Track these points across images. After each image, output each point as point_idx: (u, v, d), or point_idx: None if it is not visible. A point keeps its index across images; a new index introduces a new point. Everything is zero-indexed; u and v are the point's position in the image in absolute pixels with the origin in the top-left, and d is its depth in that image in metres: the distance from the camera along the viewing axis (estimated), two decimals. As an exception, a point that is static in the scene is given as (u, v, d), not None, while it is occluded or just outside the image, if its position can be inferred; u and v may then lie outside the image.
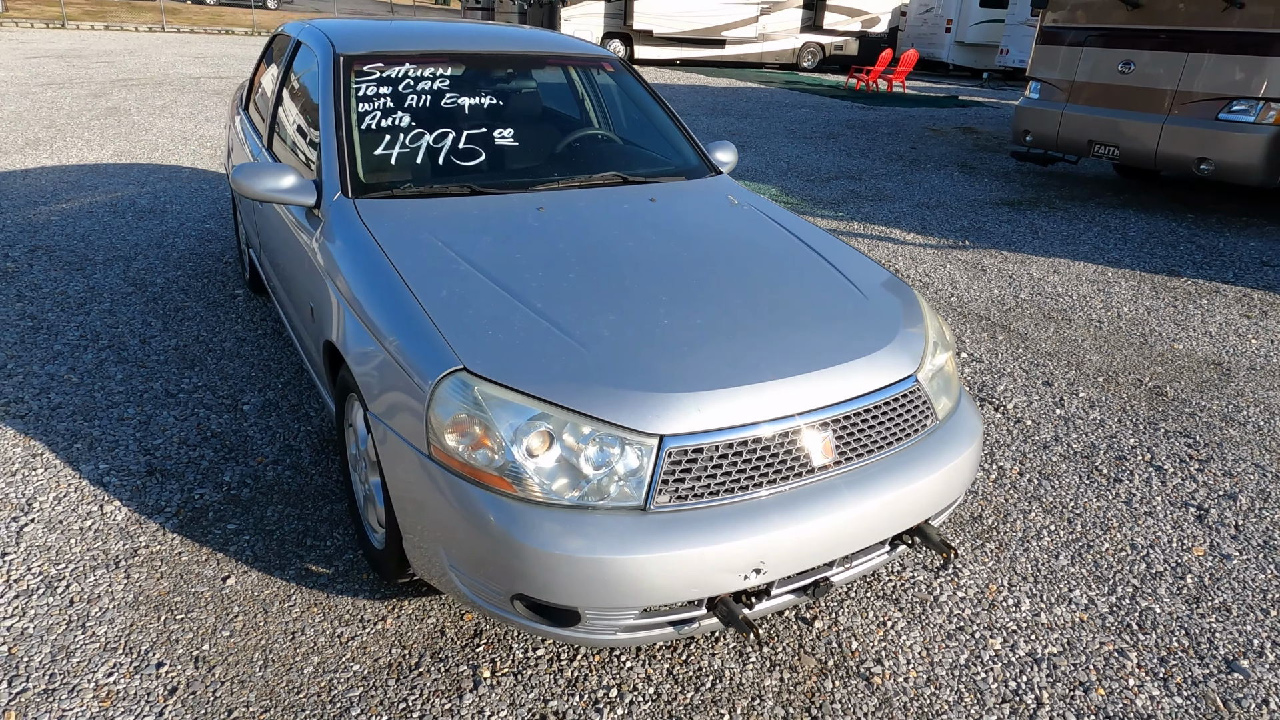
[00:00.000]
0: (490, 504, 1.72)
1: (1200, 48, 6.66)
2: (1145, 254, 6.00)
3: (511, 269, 2.15)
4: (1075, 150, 7.74)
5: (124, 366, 3.53)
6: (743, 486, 1.79)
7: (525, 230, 2.38)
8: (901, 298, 2.37)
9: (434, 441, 1.79)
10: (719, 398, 1.79)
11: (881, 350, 2.05)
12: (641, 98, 3.33)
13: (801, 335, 2.02)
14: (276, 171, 2.54)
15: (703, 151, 3.22)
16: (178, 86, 12.36)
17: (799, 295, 2.20)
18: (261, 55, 4.00)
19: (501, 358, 1.82)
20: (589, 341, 1.89)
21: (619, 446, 1.73)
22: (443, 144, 2.74)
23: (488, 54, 3.09)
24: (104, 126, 8.92)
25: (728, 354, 1.90)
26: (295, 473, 2.82)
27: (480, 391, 1.77)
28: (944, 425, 2.13)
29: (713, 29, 22.02)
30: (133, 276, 4.59)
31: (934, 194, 7.77)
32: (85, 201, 6.03)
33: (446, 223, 2.39)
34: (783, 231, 2.64)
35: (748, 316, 2.05)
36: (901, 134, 11.44)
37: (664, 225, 2.51)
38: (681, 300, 2.08)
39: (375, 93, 2.80)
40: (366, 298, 2.10)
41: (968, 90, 19.45)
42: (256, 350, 3.75)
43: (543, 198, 2.61)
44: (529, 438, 1.74)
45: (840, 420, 1.91)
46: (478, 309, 1.98)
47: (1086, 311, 4.72)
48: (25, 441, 2.93)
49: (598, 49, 3.35)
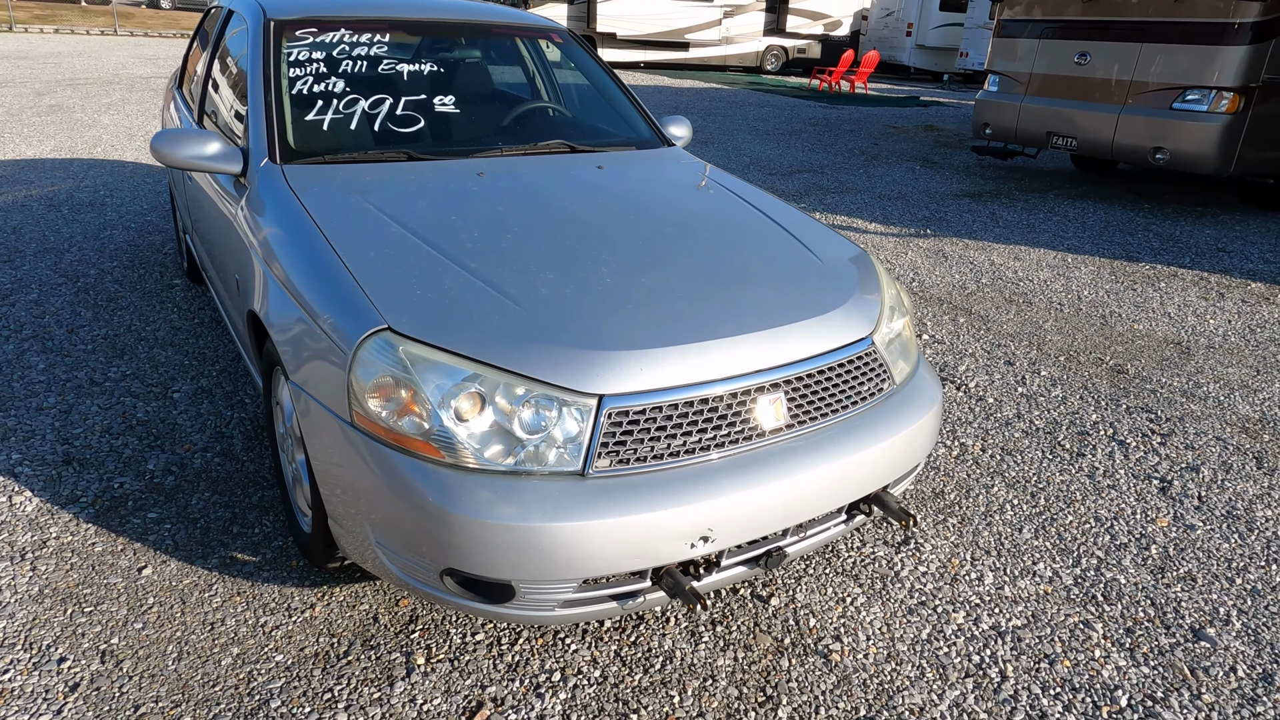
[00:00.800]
0: (416, 472, 1.59)
1: (1153, 38, 6.72)
2: (1104, 241, 6.01)
3: (446, 231, 2.03)
4: (1034, 142, 7.78)
5: (47, 356, 3.33)
6: (688, 450, 1.68)
7: (463, 194, 2.25)
8: (857, 262, 2.28)
9: (356, 407, 1.66)
10: (662, 356, 1.68)
11: (835, 310, 1.96)
12: (591, 69, 3.23)
13: (752, 294, 1.92)
14: (200, 138, 2.39)
15: (655, 124, 3.12)
16: (126, 85, 12.01)
17: (750, 258, 2.11)
18: (194, 32, 3.83)
19: (430, 317, 1.70)
20: (524, 300, 1.77)
21: (555, 408, 1.62)
22: (379, 110, 2.61)
23: (429, 21, 2.96)
24: (45, 123, 8.61)
25: (673, 312, 1.79)
26: (225, 460, 2.66)
27: (405, 351, 1.64)
28: (901, 390, 2.04)
29: (676, 31, 22.02)
30: (64, 268, 4.37)
31: (895, 186, 7.77)
32: (19, 195, 5.77)
33: (379, 187, 2.26)
34: (735, 198, 2.54)
35: (696, 277, 1.95)
36: (864, 131, 11.47)
37: (611, 191, 2.40)
38: (627, 261, 1.97)
39: (308, 57, 2.66)
40: (289, 263, 1.96)
41: (929, 92, 19.66)
42: (191, 339, 3.57)
43: (484, 164, 2.49)
44: (458, 400, 1.61)
45: (792, 381, 1.81)
46: (406, 270, 1.85)
47: (1047, 295, 4.70)
48: (-68, 432, 2.73)
49: (545, 20, 3.24)
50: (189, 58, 3.84)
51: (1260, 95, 6.40)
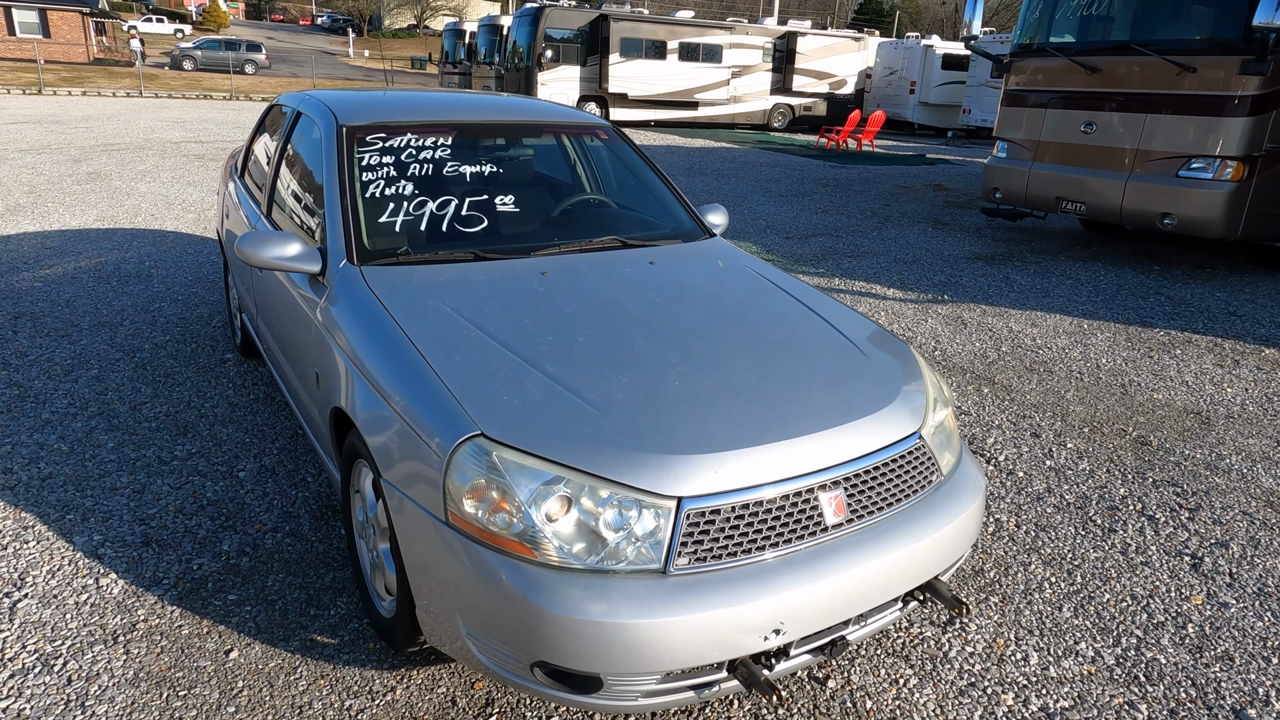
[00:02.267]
0: (509, 570, 1.72)
1: (1158, 109, 6.97)
2: (1117, 305, 6.17)
3: (521, 334, 2.19)
4: (1044, 206, 8.01)
5: (115, 434, 3.49)
6: (760, 546, 1.81)
7: (531, 295, 2.42)
8: (899, 355, 2.43)
9: (451, 508, 1.80)
10: (735, 458, 1.82)
11: (886, 408, 2.10)
12: (634, 162, 3.43)
13: (809, 395, 2.06)
14: (281, 240, 2.57)
15: (696, 214, 3.30)
16: (159, 151, 12.43)
17: (802, 355, 2.26)
18: (258, 125, 4.07)
19: (517, 422, 1.84)
20: (603, 404, 1.92)
21: (637, 509, 1.75)
22: (445, 211, 2.80)
23: (486, 123, 3.18)
24: (85, 192, 8.93)
25: (740, 415, 1.94)
26: (295, 540, 2.79)
27: (498, 456, 1.78)
28: (948, 480, 2.17)
29: (686, 91, 22.66)
30: (120, 342, 4.56)
31: (909, 250, 7.97)
32: (69, 267, 6.01)
33: (453, 288, 2.43)
34: (779, 291, 2.71)
35: (756, 377, 2.10)
36: (874, 191, 11.76)
37: (666, 287, 2.57)
38: (690, 362, 2.12)
39: (378, 162, 2.86)
40: (378, 364, 2.12)
41: (933, 148, 20.09)
42: (250, 415, 3.72)
43: (545, 262, 2.67)
44: (547, 502, 1.75)
45: (850, 478, 1.95)
46: (491, 374, 2.00)
47: (1067, 363, 4.84)
48: (16, 514, 2.87)
49: (591, 117, 3.46)
50: (249, 147, 4.07)
51: (1264, 163, 6.62)
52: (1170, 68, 6.83)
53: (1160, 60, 6.87)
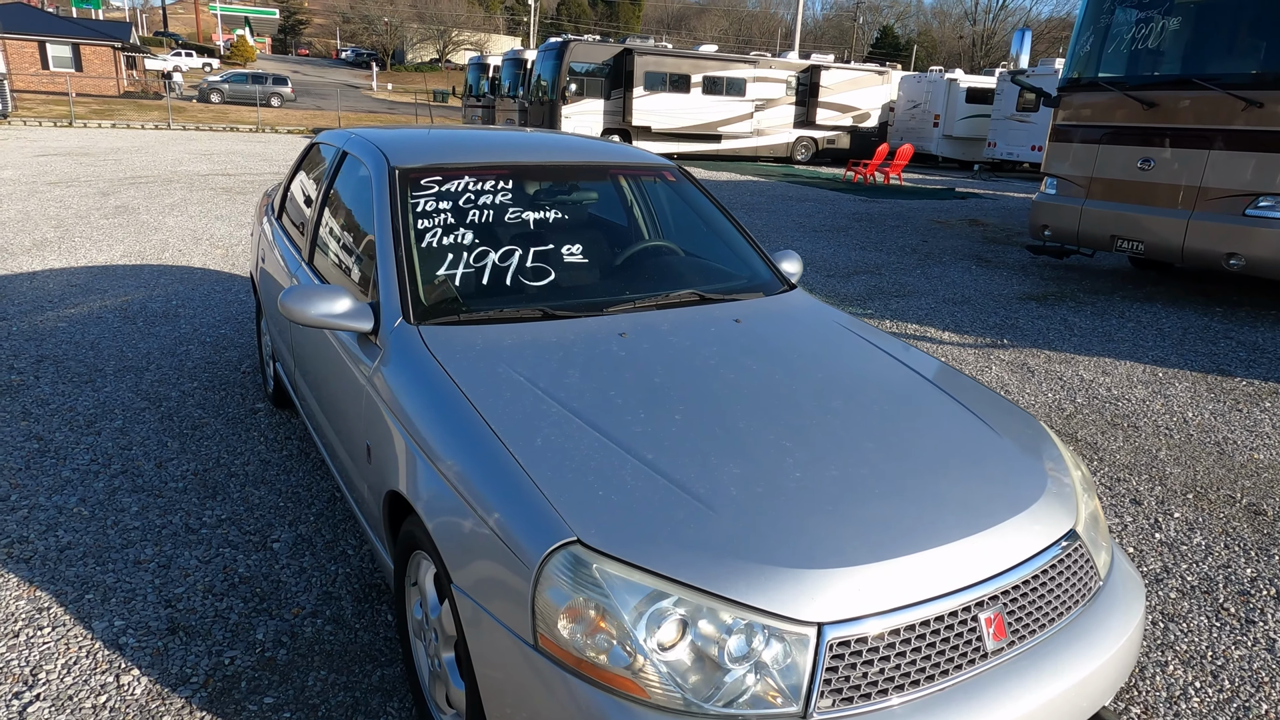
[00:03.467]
0: (617, 712, 1.42)
1: (1221, 145, 6.67)
2: (1188, 351, 5.83)
3: (608, 409, 1.91)
4: (1097, 244, 7.70)
5: (139, 496, 3.23)
6: (914, 681, 1.50)
7: (612, 361, 2.14)
8: (1031, 430, 2.13)
9: (541, 629, 1.51)
10: (881, 572, 1.52)
11: (1038, 502, 1.80)
12: (703, 205, 3.17)
13: (950, 488, 1.76)
14: (330, 295, 2.31)
15: (772, 264, 3.03)
16: (186, 184, 12.36)
17: (929, 436, 1.96)
18: (297, 163, 3.85)
19: (620, 526, 1.55)
20: (716, 502, 1.63)
21: (768, 637, 1.45)
22: (509, 262, 2.54)
23: (547, 165, 2.93)
24: (113, 226, 8.80)
25: (877, 515, 1.64)
26: (337, 627, 2.50)
27: (599, 570, 1.49)
28: (1107, 585, 1.86)
29: (709, 124, 22.59)
30: (145, 389, 4.32)
31: (957, 289, 7.67)
32: (94, 306, 5.81)
33: (523, 353, 2.16)
34: (882, 354, 2.42)
35: (885, 466, 1.80)
36: (909, 226, 11.49)
37: (759, 352, 2.29)
38: (807, 447, 1.83)
39: (434, 208, 2.61)
40: (447, 447, 1.84)
41: (960, 182, 19.85)
42: (283, 475, 3.45)
43: (621, 321, 2.39)
44: (660, 627, 1.45)
45: (1009, 592, 1.64)
46: (580, 462, 1.72)
47: (1151, 417, 4.50)
48: (30, 592, 2.60)
49: (657, 158, 3.21)
50: (288, 186, 3.84)
51: (1338, 202, 6.29)
52: (1234, 102, 6.54)
53: (1223, 95, 6.58)
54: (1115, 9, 7.55)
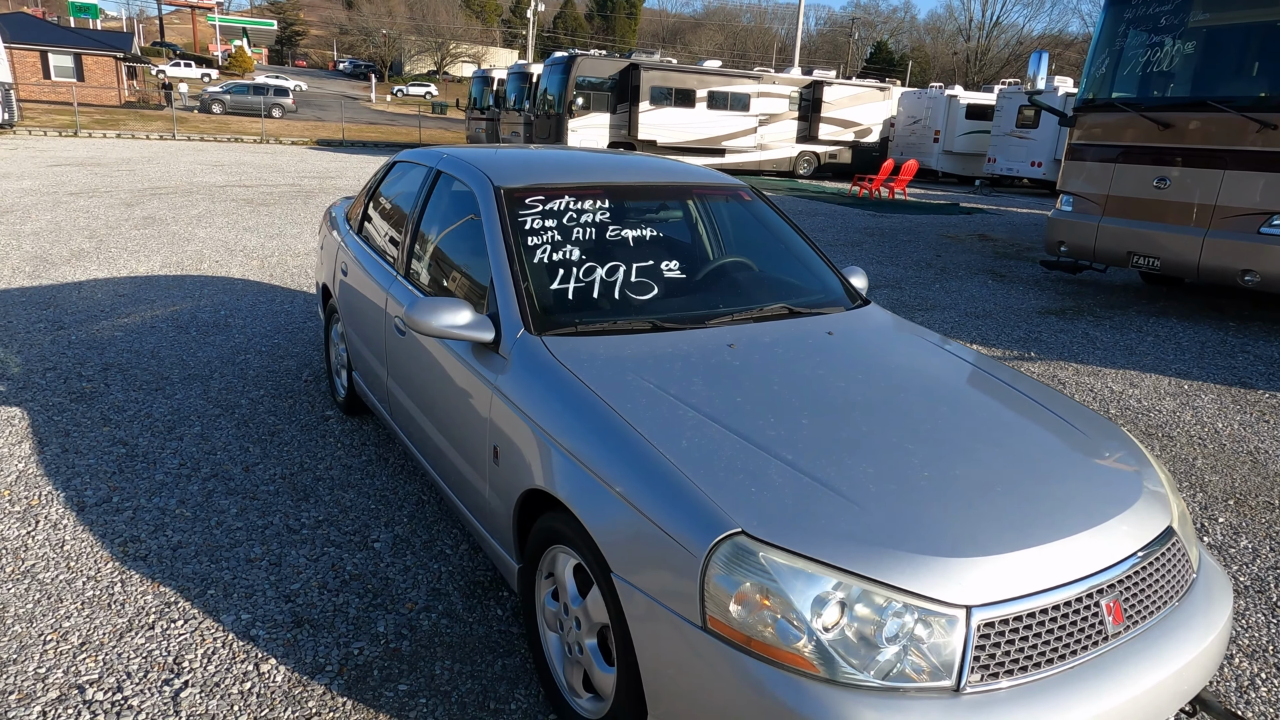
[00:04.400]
0: (787, 686, 1.57)
1: (1236, 165, 6.90)
2: (1208, 365, 6.03)
3: (739, 414, 2.07)
4: (1113, 261, 7.91)
5: (235, 499, 3.37)
6: (1049, 660, 1.66)
7: (729, 370, 2.30)
8: (1117, 436, 2.30)
9: (711, 612, 1.66)
10: (1018, 560, 1.69)
11: (1140, 499, 1.97)
12: (776, 223, 3.34)
13: (1062, 487, 1.93)
14: (453, 307, 2.47)
15: (845, 279, 3.20)
16: (207, 195, 12.50)
17: (1033, 440, 2.13)
18: (376, 181, 4.01)
19: (777, 518, 1.71)
20: (859, 497, 1.79)
21: (924, 619, 1.61)
22: (615, 277, 2.70)
23: (637, 185, 3.10)
24: (145, 237, 8.93)
25: (1004, 511, 1.81)
26: (452, 621, 2.64)
27: (765, 558, 1.65)
28: (1200, 577, 2.03)
29: (713, 139, 22.87)
30: (215, 397, 4.46)
31: (977, 303, 7.87)
32: (145, 315, 5.94)
33: (645, 363, 2.32)
34: (970, 366, 2.59)
35: (1001, 467, 1.97)
36: (920, 241, 11.71)
37: (859, 362, 2.45)
38: (927, 449, 2.00)
39: (541, 225, 2.77)
40: (592, 446, 1.99)
41: (963, 197, 20.14)
42: (368, 479, 3.60)
43: (726, 333, 2.56)
44: (825, 610, 1.61)
45: (1124, 580, 1.80)
46: (727, 461, 1.88)
47: (1183, 428, 4.69)
48: (154, 588, 2.74)
49: (733, 179, 3.38)
50: (366, 205, 4.00)
51: (1349, 221, 6.53)
52: (1247, 124, 6.78)
53: (1237, 117, 6.82)
54: (1130, 32, 7.80)
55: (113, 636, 2.48)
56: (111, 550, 2.94)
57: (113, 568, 2.84)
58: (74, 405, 4.24)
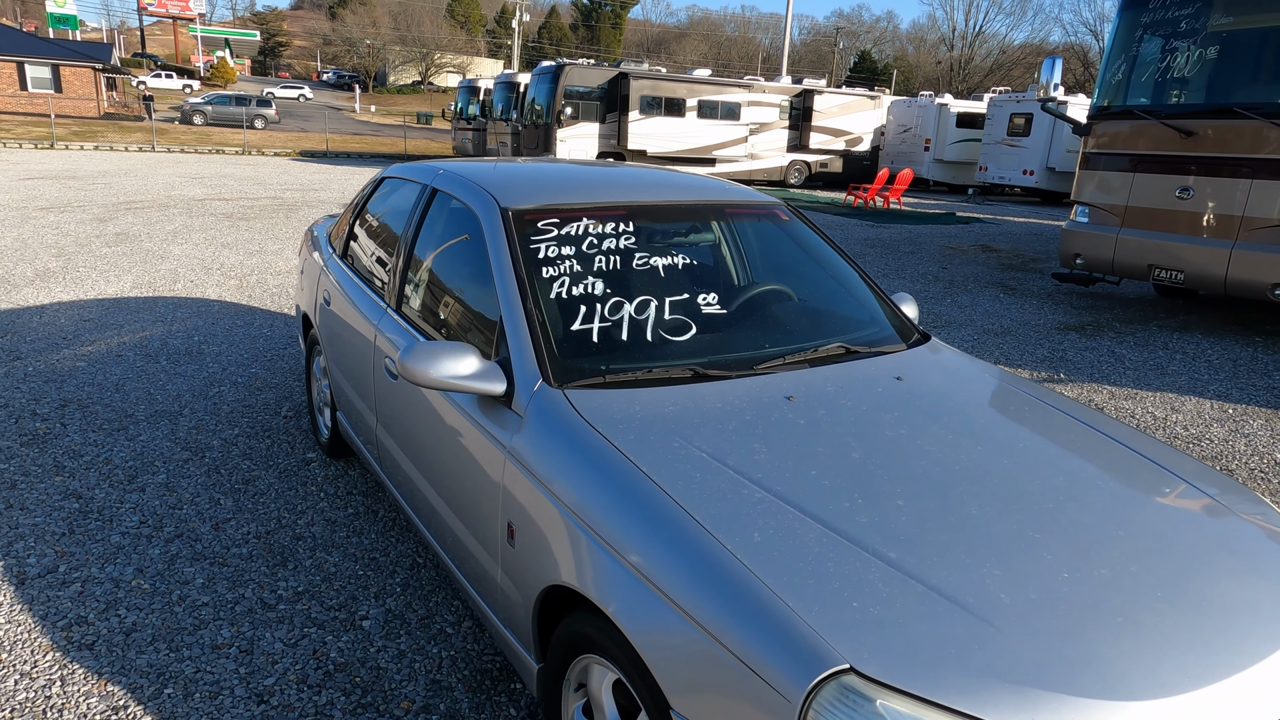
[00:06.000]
0: None
1: (1264, 174, 6.60)
2: (1245, 385, 5.70)
3: (819, 495, 1.67)
4: (1133, 274, 7.60)
5: (202, 565, 2.93)
6: (1254, 834, 1.27)
7: (794, 431, 1.91)
8: (1257, 503, 1.92)
9: (812, 776, 1.26)
10: (1208, 698, 1.30)
11: (1322, 600, 1.58)
12: (817, 246, 2.96)
13: (1235, 589, 1.54)
14: (455, 353, 2.07)
15: (898, 309, 2.82)
16: (184, 210, 12.01)
17: (1177, 522, 1.74)
18: (362, 200, 3.60)
19: (894, 650, 1.32)
20: (993, 616, 1.39)
21: (1096, 788, 1.22)
22: (645, 314, 2.30)
23: (663, 205, 2.70)
24: (116, 255, 8.46)
25: (1176, 627, 1.42)
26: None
27: (884, 706, 1.25)
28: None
29: (704, 148, 22.55)
30: (183, 438, 4.02)
31: (993, 319, 7.53)
32: (112, 343, 5.49)
33: (692, 422, 1.92)
34: (1070, 419, 2.20)
35: (1153, 563, 1.58)
36: (923, 253, 11.40)
37: (944, 418, 2.06)
38: (1059, 540, 1.60)
39: (557, 254, 2.37)
40: (641, 541, 1.59)
41: (958, 206, 19.92)
42: (354, 536, 3.17)
43: (781, 382, 2.16)
44: (967, 777, 1.22)
45: (1326, 712, 1.42)
46: (816, 565, 1.48)
47: (1240, 459, 4.33)
48: (101, 687, 2.30)
49: (767, 197, 3.00)
50: (352, 224, 3.59)
51: (1386, 233, 6.23)
52: (1275, 130, 6.48)
53: (1265, 123, 6.52)
54: (1146, 37, 7.51)
55: (46, 756, 2.05)
56: (53, 636, 2.50)
57: (52, 660, 2.40)
58: (24, 450, 3.79)
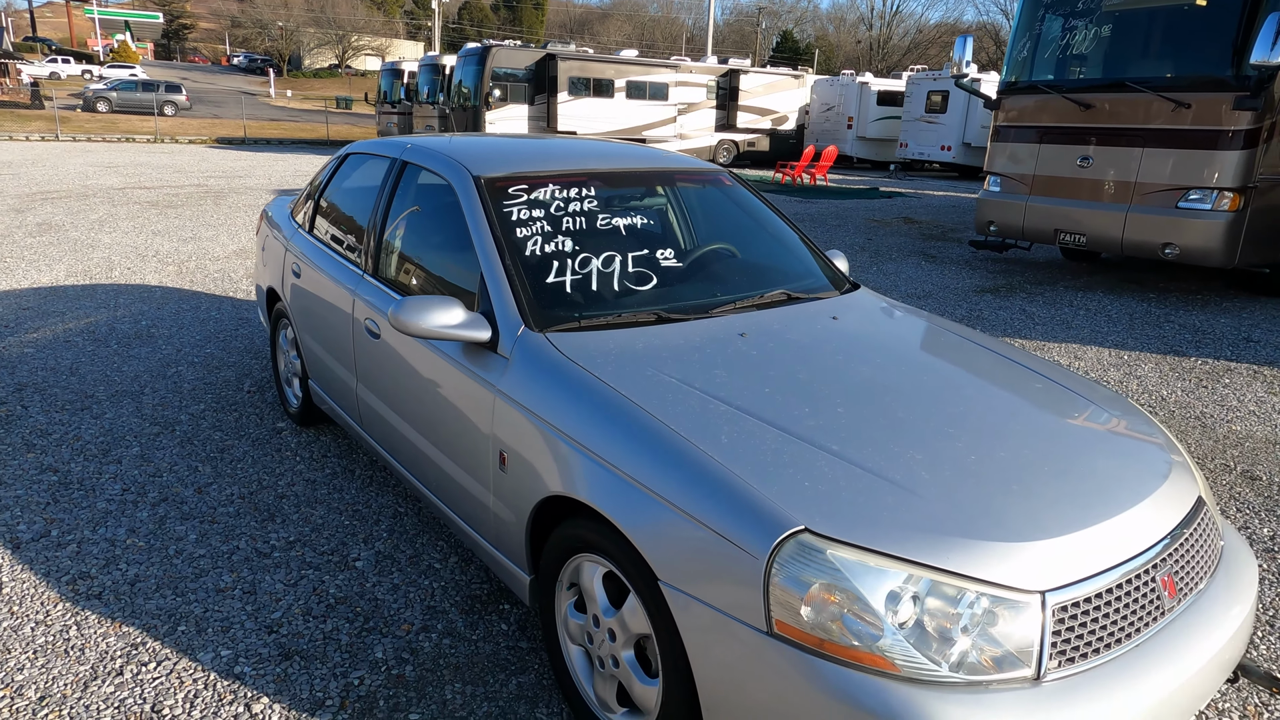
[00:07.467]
0: (868, 689, 1.49)
1: (1153, 143, 7.22)
2: (1140, 335, 6.29)
3: (773, 406, 1.98)
4: (1041, 238, 8.19)
5: (192, 523, 3.09)
6: (1118, 640, 1.63)
7: (749, 360, 2.21)
8: (1133, 410, 2.31)
9: (778, 616, 1.57)
10: (1083, 540, 1.65)
11: (1173, 472, 1.97)
12: (758, 209, 3.27)
13: (1103, 463, 1.91)
14: (443, 306, 2.30)
15: (831, 262, 3.16)
16: (105, 199, 11.68)
17: (1061, 418, 2.11)
18: (329, 176, 3.75)
19: (837, 513, 1.63)
20: (915, 486, 1.72)
21: (999, 608, 1.56)
22: (612, 268, 2.57)
23: (620, 172, 2.97)
24: (43, 245, 8.26)
25: (1060, 491, 1.77)
26: (455, 640, 2.48)
27: (833, 555, 1.56)
28: (1227, 545, 2.05)
29: (634, 129, 22.76)
30: (150, 414, 4.12)
31: (915, 284, 8.03)
32: (58, 329, 5.47)
33: (660, 355, 2.20)
34: (976, 345, 2.57)
35: (1042, 446, 1.94)
36: (849, 226, 11.92)
37: (873, 346, 2.40)
38: (969, 433, 1.95)
39: (528, 216, 2.62)
40: (627, 448, 1.87)
41: (881, 181, 20.65)
42: (335, 493, 3.37)
43: (735, 322, 2.46)
44: (900, 605, 1.54)
45: (1173, 554, 1.80)
46: (773, 456, 1.79)
47: (1134, 397, 4.86)
48: (116, 629, 2.47)
49: (713, 165, 3.29)
50: (318, 200, 3.74)
51: (1257, 194, 6.91)
52: (1164, 103, 7.10)
53: (1154, 96, 7.13)
54: (1048, 16, 8.06)
55: (76, 687, 2.23)
56: (59, 590, 2.65)
57: (64, 609, 2.56)
58: (-11, 431, 3.84)
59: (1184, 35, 7.11)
